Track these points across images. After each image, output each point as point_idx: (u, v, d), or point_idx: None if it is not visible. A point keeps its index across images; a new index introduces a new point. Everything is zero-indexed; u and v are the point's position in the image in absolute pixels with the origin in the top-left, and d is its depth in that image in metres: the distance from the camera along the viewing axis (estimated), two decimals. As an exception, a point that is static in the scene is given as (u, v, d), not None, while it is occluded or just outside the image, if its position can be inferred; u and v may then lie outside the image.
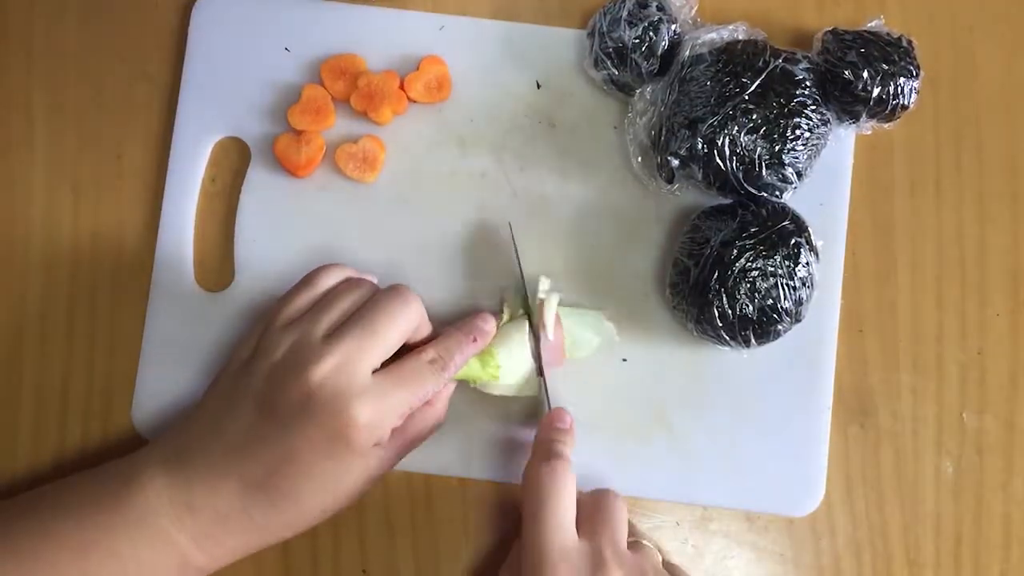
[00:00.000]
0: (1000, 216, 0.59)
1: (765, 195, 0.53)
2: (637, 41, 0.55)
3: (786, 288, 0.51)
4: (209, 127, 0.58)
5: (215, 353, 0.56)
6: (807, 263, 0.52)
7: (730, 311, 0.51)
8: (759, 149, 0.52)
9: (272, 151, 0.57)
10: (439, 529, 0.56)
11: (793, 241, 0.51)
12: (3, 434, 0.57)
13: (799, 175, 0.53)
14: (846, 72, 0.52)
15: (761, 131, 0.52)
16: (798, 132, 0.52)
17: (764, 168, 0.52)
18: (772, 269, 0.51)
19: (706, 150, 0.52)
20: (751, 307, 0.51)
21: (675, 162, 0.53)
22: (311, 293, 0.51)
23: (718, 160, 0.52)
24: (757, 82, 0.52)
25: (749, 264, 0.51)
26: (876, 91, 0.52)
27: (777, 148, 0.52)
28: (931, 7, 0.61)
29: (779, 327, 0.52)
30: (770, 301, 0.51)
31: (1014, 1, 0.61)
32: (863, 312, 0.58)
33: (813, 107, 0.52)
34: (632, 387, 0.57)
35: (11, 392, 0.57)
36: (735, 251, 0.51)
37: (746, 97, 0.52)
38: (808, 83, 0.53)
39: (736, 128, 0.51)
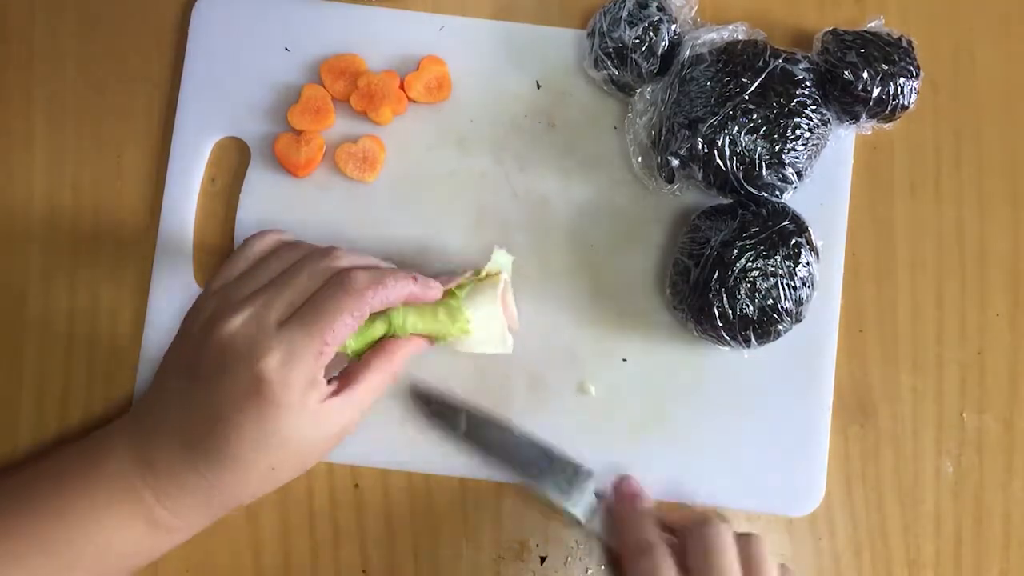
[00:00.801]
0: (1000, 216, 0.59)
1: (765, 195, 0.53)
2: (637, 41, 0.55)
3: (786, 288, 0.51)
4: (209, 127, 0.58)
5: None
6: (807, 263, 0.52)
7: (730, 311, 0.51)
8: (759, 149, 0.52)
9: (272, 151, 0.57)
10: (439, 529, 0.56)
11: (793, 241, 0.51)
12: (3, 433, 0.57)
13: (799, 175, 0.53)
14: (846, 72, 0.52)
15: (761, 131, 0.52)
16: (798, 132, 0.52)
17: (764, 168, 0.52)
18: (772, 269, 0.51)
19: (706, 150, 0.52)
20: (751, 307, 0.51)
21: (675, 162, 0.53)
22: (243, 261, 0.50)
23: (718, 160, 0.52)
24: (757, 82, 0.52)
25: (749, 264, 0.51)
26: (876, 91, 0.52)
27: (777, 148, 0.52)
28: (931, 7, 0.61)
29: (779, 327, 0.52)
30: (770, 301, 0.51)
31: (1014, 1, 0.61)
32: (863, 312, 0.58)
33: (813, 107, 0.52)
34: (632, 387, 0.57)
35: (11, 392, 0.57)
36: (735, 251, 0.51)
37: (746, 97, 0.52)
38: (808, 83, 0.53)
39: (736, 128, 0.51)
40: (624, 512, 0.54)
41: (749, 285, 0.51)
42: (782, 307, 0.51)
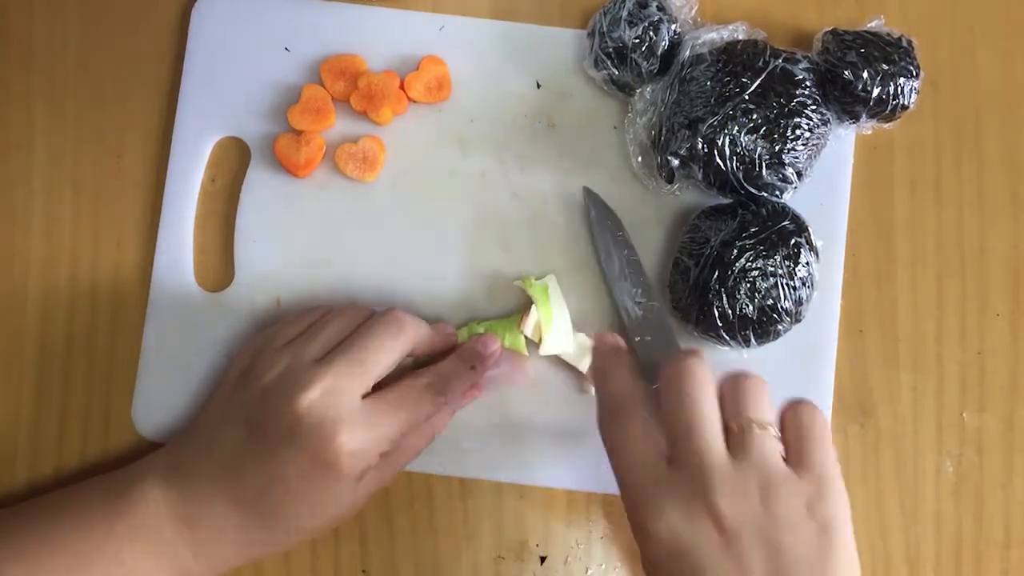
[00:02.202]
0: (1000, 216, 0.59)
1: (765, 195, 0.53)
2: (637, 41, 0.55)
3: (786, 288, 0.51)
4: (209, 127, 0.58)
5: (215, 353, 0.56)
6: (807, 263, 0.52)
7: (730, 311, 0.51)
8: (759, 149, 0.52)
9: (272, 151, 0.57)
10: (439, 529, 0.56)
11: (793, 241, 0.51)
12: (2, 430, 0.57)
13: (799, 175, 0.53)
14: (846, 72, 0.52)
15: (761, 131, 0.52)
16: (798, 132, 0.52)
17: (764, 168, 0.52)
18: (772, 269, 0.51)
19: (706, 150, 0.52)
20: (751, 307, 0.51)
21: (675, 162, 0.53)
22: (310, 316, 0.52)
23: (718, 160, 0.52)
24: (757, 82, 0.52)
25: (749, 264, 0.51)
26: (876, 91, 0.52)
27: (777, 148, 0.52)
28: (931, 7, 0.61)
29: (779, 327, 0.52)
30: (770, 301, 0.51)
31: (1014, 1, 0.61)
32: (863, 312, 0.58)
33: (813, 107, 0.52)
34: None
35: (12, 391, 0.57)
36: (735, 251, 0.51)
37: (746, 97, 0.52)
38: (808, 83, 0.53)
39: (736, 128, 0.51)
40: (601, 367, 0.49)
41: (749, 285, 0.51)
42: (782, 307, 0.51)
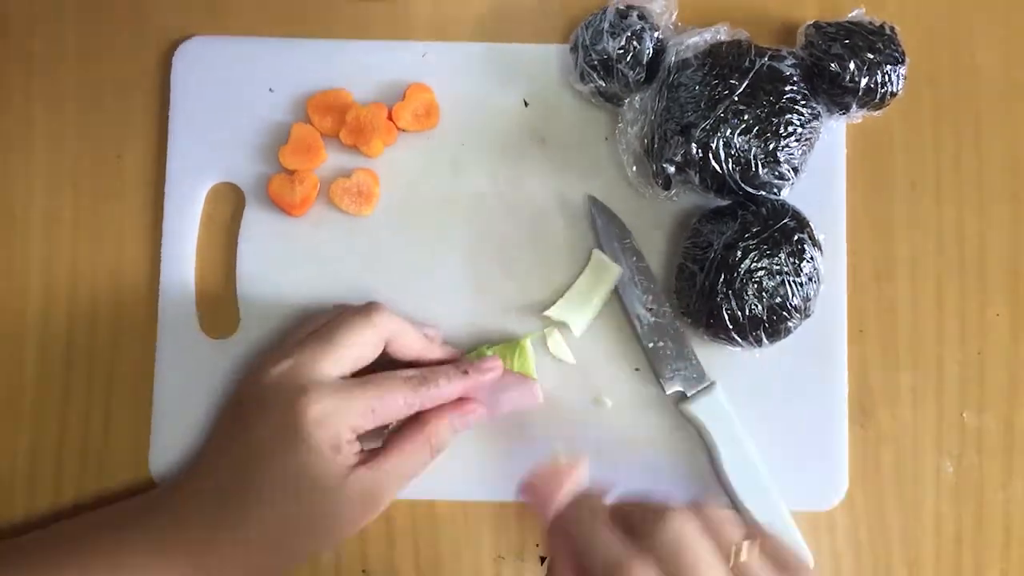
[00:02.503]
0: (1000, 215, 0.58)
1: (763, 194, 0.53)
2: (621, 51, 0.54)
3: (793, 285, 0.51)
4: (201, 174, 0.58)
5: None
6: (812, 258, 0.52)
7: (739, 313, 0.52)
8: (753, 149, 0.51)
9: (266, 193, 0.57)
10: (439, 529, 0.57)
11: (796, 237, 0.52)
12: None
13: (795, 170, 0.53)
14: (832, 64, 0.52)
15: (754, 131, 0.51)
16: (790, 128, 0.52)
17: (760, 167, 0.52)
18: (777, 267, 0.51)
19: (701, 155, 0.52)
20: (760, 307, 0.51)
21: (671, 169, 0.53)
22: (314, 324, 0.53)
23: (714, 163, 0.52)
24: (745, 82, 0.52)
25: (754, 264, 0.51)
26: (864, 81, 0.52)
27: (771, 146, 0.51)
28: (931, 7, 0.60)
29: (789, 324, 0.52)
30: (778, 299, 0.51)
31: (1014, 1, 0.60)
32: (863, 312, 0.58)
33: (803, 102, 0.52)
34: (647, 396, 0.57)
35: (12, 388, 0.57)
36: (739, 252, 0.51)
37: (736, 98, 0.51)
38: (796, 79, 0.52)
39: (729, 130, 0.51)
40: (575, 520, 0.41)
41: (756, 285, 0.51)
42: (791, 304, 0.51)
